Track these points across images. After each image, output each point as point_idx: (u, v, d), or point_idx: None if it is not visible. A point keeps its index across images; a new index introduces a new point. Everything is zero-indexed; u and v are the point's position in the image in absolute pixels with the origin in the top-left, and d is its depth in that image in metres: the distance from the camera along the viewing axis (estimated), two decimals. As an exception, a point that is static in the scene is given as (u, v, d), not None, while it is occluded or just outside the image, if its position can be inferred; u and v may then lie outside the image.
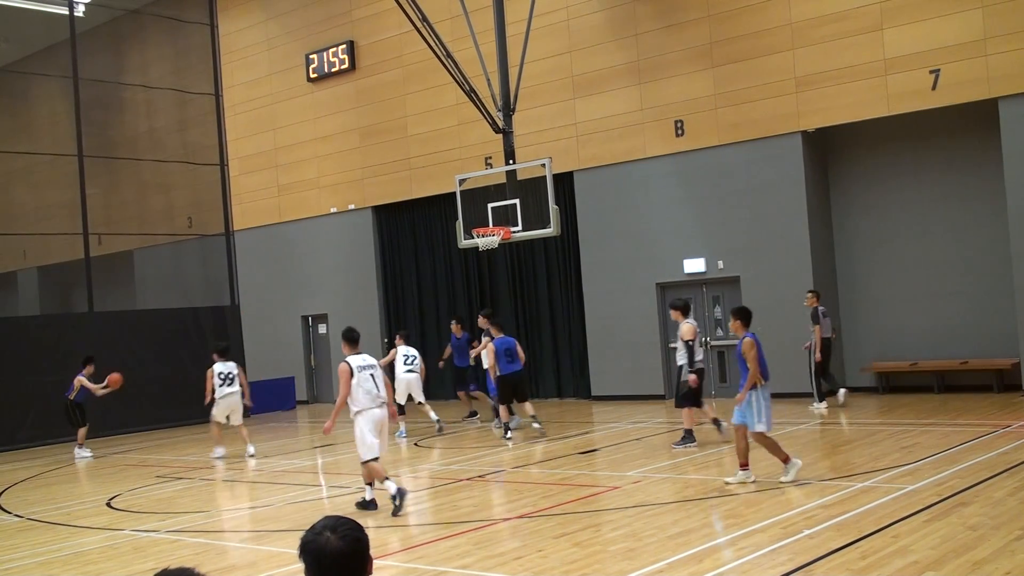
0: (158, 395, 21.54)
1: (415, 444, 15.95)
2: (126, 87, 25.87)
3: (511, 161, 17.19)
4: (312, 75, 24.76)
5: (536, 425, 15.34)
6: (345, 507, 10.98)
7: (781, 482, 10.04)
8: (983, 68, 16.02)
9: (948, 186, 17.45)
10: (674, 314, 13.55)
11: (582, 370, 20.92)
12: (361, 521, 2.83)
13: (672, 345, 19.69)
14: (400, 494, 9.89)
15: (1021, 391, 16.16)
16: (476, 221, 17.11)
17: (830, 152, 18.61)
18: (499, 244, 16.98)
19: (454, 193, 17.78)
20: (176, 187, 25.76)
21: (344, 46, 24.04)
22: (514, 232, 16.70)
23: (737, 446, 10.40)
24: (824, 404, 16.00)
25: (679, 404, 13.37)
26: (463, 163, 21.44)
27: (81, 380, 17.30)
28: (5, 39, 26.93)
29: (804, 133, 17.96)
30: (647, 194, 19.64)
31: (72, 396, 17.37)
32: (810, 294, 16.42)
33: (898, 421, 14.46)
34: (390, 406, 10.50)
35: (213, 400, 15.97)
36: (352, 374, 10.18)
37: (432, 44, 17.43)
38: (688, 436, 13.13)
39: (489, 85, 17.61)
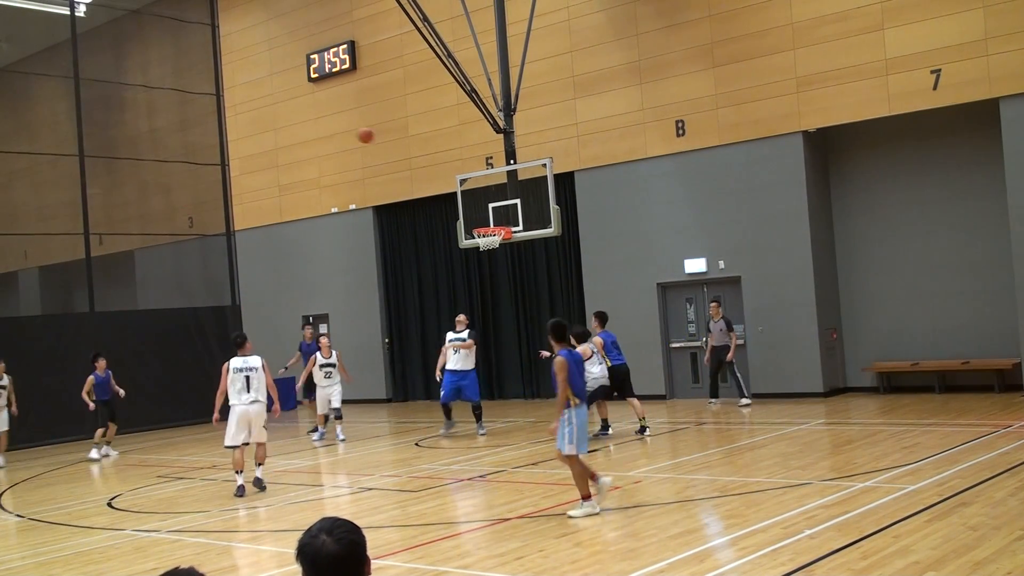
0: (159, 395, 21.55)
1: (415, 444, 15.95)
2: (127, 87, 25.87)
3: (512, 161, 17.19)
4: (313, 75, 24.76)
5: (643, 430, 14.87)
6: (346, 507, 10.98)
7: (569, 516, 9.11)
8: (984, 68, 16.02)
9: (949, 186, 17.44)
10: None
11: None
12: (357, 521, 2.82)
13: (676, 344, 19.74)
14: (257, 482, 12.10)
15: (1022, 391, 16.15)
16: (477, 221, 17.11)
17: (831, 152, 18.61)
18: (500, 244, 16.98)
19: (455, 193, 17.78)
20: (177, 187, 25.76)
21: (345, 46, 24.04)
22: (515, 232, 16.70)
23: (573, 476, 9.47)
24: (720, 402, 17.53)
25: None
26: (464, 163, 21.44)
27: (90, 379, 17.05)
28: (6, 39, 26.95)
29: (805, 133, 17.95)
30: (648, 194, 19.63)
31: (92, 398, 17.01)
32: (715, 304, 17.80)
33: (899, 421, 14.45)
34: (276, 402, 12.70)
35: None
36: (228, 373, 12.25)
37: (433, 44, 17.44)
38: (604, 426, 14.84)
39: (490, 85, 17.61)
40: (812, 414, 15.84)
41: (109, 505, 12.20)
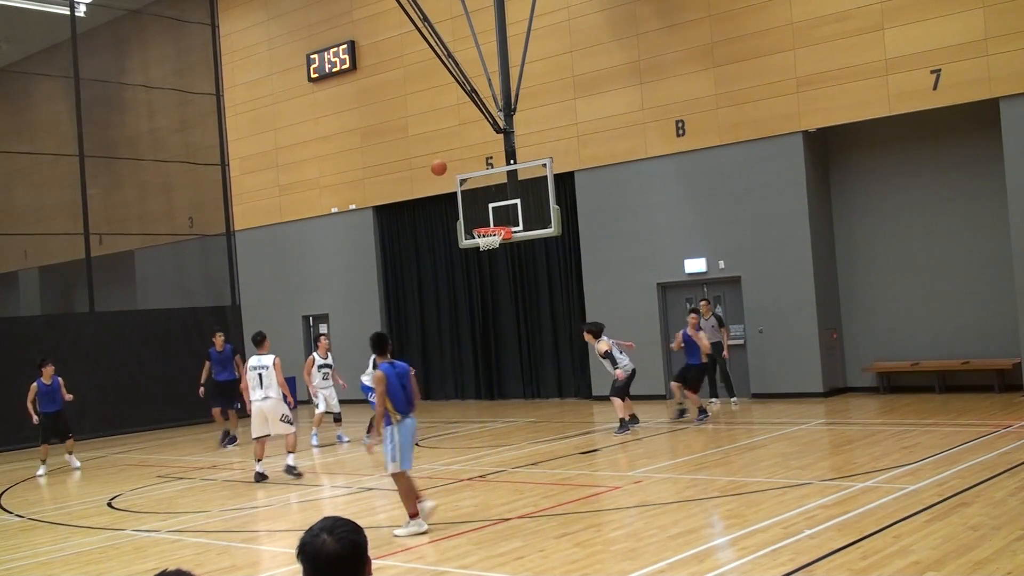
0: (159, 395, 21.55)
1: (417, 444, 15.92)
2: (127, 87, 25.87)
3: (512, 161, 17.19)
4: (313, 75, 24.76)
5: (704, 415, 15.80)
6: (347, 507, 10.98)
7: (394, 535, 8.92)
8: (984, 68, 16.02)
9: (949, 186, 17.44)
10: (587, 336, 15.89)
11: (583, 370, 20.91)
12: (358, 520, 2.82)
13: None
14: (288, 470, 12.94)
15: (1022, 391, 16.15)
16: (477, 221, 17.10)
17: (831, 152, 18.61)
18: (500, 244, 16.97)
19: (455, 193, 17.77)
20: (177, 187, 25.76)
21: (345, 46, 24.04)
22: (515, 232, 16.69)
23: (400, 493, 9.24)
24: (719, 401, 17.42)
25: (612, 394, 15.49)
26: (464, 163, 21.43)
27: (33, 387, 15.70)
28: (6, 39, 26.94)
29: (805, 133, 17.95)
30: (648, 194, 19.63)
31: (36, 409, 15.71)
32: (705, 302, 17.85)
33: (899, 421, 14.45)
34: (289, 397, 13.44)
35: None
36: (246, 370, 13.37)
37: (433, 44, 17.43)
38: (623, 424, 15.15)
39: (490, 85, 17.60)
40: (812, 414, 15.84)
41: (109, 505, 12.20)
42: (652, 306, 19.69)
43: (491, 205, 17.01)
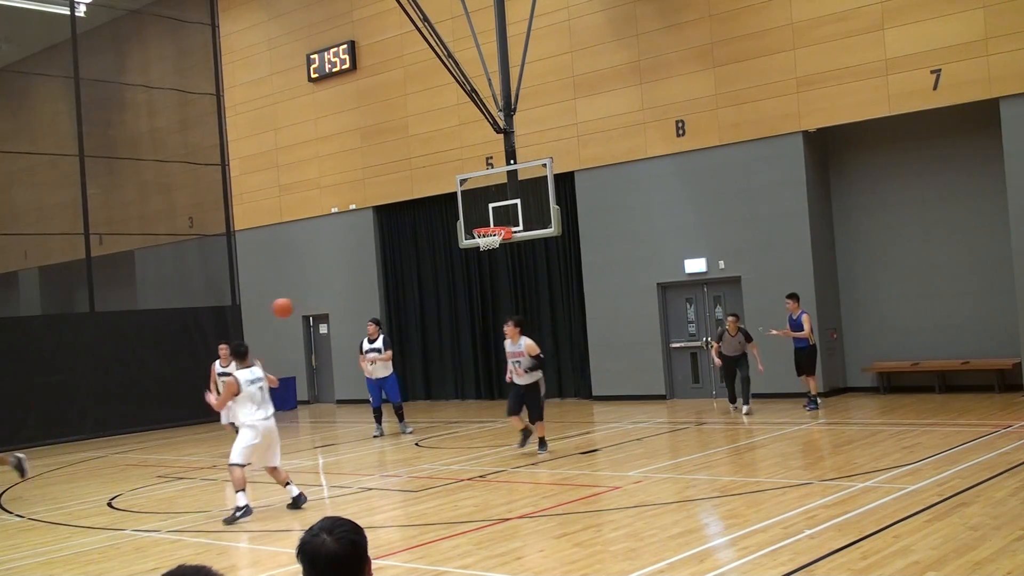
0: (159, 395, 21.55)
1: (416, 444, 15.95)
2: (127, 87, 25.87)
3: (512, 161, 17.19)
4: (313, 75, 24.76)
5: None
6: (347, 507, 10.98)
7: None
8: (984, 68, 16.02)
9: (949, 186, 17.44)
10: (511, 331, 13.71)
11: (583, 370, 20.92)
12: (357, 521, 2.83)
13: (676, 344, 19.72)
14: (299, 499, 10.85)
15: (1022, 391, 16.15)
16: (477, 221, 17.11)
17: (831, 152, 18.61)
18: (500, 244, 16.98)
19: (455, 193, 17.78)
20: (177, 187, 25.77)
21: (345, 46, 24.04)
22: (515, 232, 16.69)
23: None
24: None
25: (538, 417, 13.66)
26: (464, 163, 21.44)
27: None
28: (6, 39, 26.93)
29: (805, 133, 17.95)
30: (648, 194, 19.64)
31: None
32: (734, 318, 16.75)
33: (899, 421, 14.45)
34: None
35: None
36: (238, 386, 10.83)
37: (433, 44, 17.44)
38: (530, 439, 13.91)
39: (490, 85, 17.61)
40: (812, 414, 15.84)
41: (109, 505, 12.20)
42: (652, 306, 19.69)
43: (491, 205, 17.01)
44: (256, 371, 11.11)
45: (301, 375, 25.46)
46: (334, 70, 24.32)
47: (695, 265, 19.15)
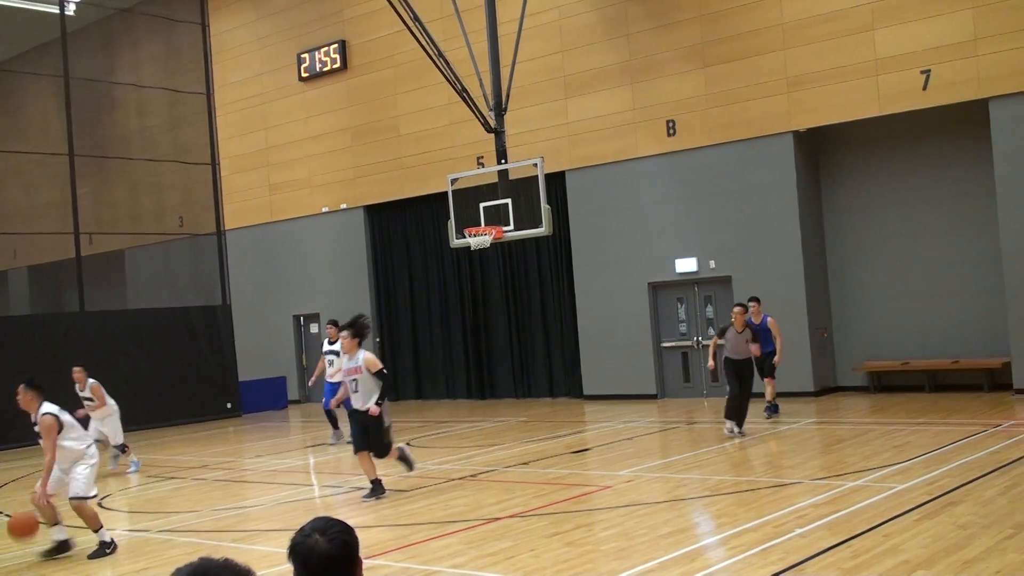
0: (150, 394, 21.48)
1: (407, 443, 15.92)
2: (117, 86, 25.79)
3: (503, 161, 17.18)
4: (304, 74, 24.73)
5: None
6: (337, 507, 10.97)
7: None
8: (974, 68, 16.08)
9: (939, 186, 17.50)
10: (348, 343, 11.02)
11: (574, 369, 20.93)
12: (348, 521, 2.83)
13: (667, 344, 19.74)
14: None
15: (1011, 390, 16.21)
16: (468, 220, 17.10)
17: (822, 152, 18.66)
18: (491, 244, 16.97)
19: (446, 192, 17.77)
20: (167, 186, 25.69)
21: (336, 45, 24.01)
22: (506, 232, 16.69)
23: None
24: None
25: (385, 452, 11.15)
26: (455, 162, 21.42)
27: None
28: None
29: (796, 133, 18.00)
30: (639, 194, 19.66)
31: None
32: (748, 306, 14.72)
33: (889, 420, 14.50)
34: None
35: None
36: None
37: (424, 44, 17.42)
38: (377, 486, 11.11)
39: (481, 85, 17.60)
40: (803, 413, 15.88)
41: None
42: (643, 305, 19.72)
43: (482, 205, 17.00)
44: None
45: (292, 374, 25.41)
46: (324, 69, 24.30)
47: (686, 264, 19.18)
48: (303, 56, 24.68)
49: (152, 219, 25.32)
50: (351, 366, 11.00)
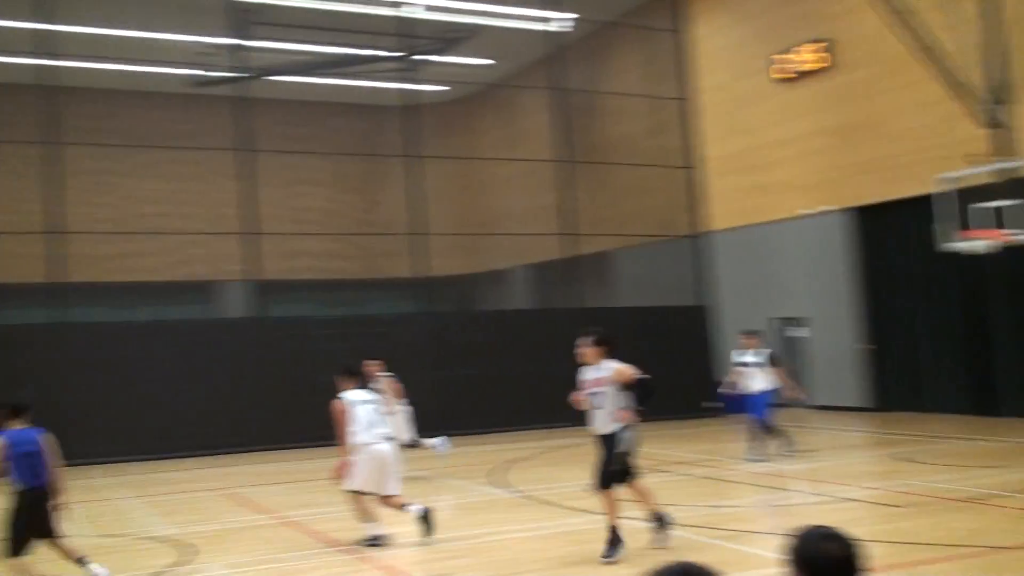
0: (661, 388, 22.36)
1: (888, 457, 15.13)
2: (599, 95, 27.32)
3: (1011, 157, 15.70)
4: (781, 75, 24.27)
5: None
6: (827, 516, 10.72)
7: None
8: None
9: None
10: (591, 352, 9.58)
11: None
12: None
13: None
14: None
15: None
16: (968, 223, 15.82)
17: None
18: (1001, 248, 15.53)
19: (934, 193, 16.54)
20: (650, 190, 26.64)
21: (815, 44, 23.27)
22: (1016, 235, 15.22)
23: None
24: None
25: (607, 484, 9.22)
26: (945, 161, 19.79)
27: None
28: (495, 58, 29.55)
29: None
30: None
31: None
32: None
33: None
34: None
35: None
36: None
37: (912, 37, 16.34)
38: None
39: (982, 75, 16.16)
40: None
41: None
42: None
43: (984, 205, 15.69)
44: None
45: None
46: (802, 69, 23.67)
47: None
48: (779, 57, 24.23)
49: (636, 221, 26.38)
50: (595, 377, 9.43)
